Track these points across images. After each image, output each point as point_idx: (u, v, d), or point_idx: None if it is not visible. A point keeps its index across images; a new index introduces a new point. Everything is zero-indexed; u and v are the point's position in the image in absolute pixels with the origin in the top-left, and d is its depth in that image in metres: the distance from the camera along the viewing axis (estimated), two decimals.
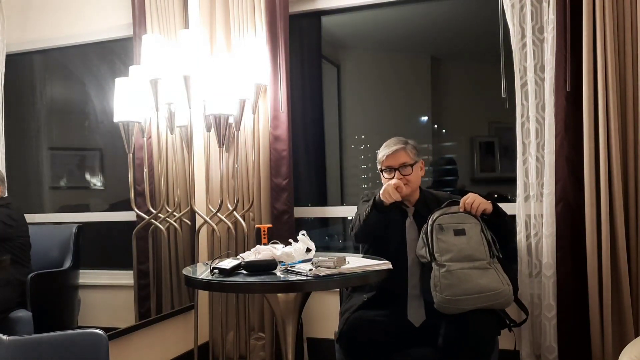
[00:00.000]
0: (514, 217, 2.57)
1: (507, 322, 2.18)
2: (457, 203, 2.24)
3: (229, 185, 2.95)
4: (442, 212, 2.18)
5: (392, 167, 2.30)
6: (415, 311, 2.21)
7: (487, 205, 2.20)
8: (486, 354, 2.04)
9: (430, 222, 2.17)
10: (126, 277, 2.60)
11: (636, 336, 2.28)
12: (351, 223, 2.40)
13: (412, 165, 2.30)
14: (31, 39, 2.21)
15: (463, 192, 3.02)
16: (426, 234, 2.16)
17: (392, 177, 2.29)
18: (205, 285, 2.04)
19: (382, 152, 2.34)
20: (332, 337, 2.27)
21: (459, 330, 2.01)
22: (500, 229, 2.24)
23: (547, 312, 2.47)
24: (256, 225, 2.63)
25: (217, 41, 3.06)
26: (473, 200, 2.19)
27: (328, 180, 3.44)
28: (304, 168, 3.36)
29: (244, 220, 2.87)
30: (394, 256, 2.15)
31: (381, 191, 2.20)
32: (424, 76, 3.37)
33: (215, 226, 2.76)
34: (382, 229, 2.27)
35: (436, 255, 2.09)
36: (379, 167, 2.36)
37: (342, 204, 3.36)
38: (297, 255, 2.03)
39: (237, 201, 2.82)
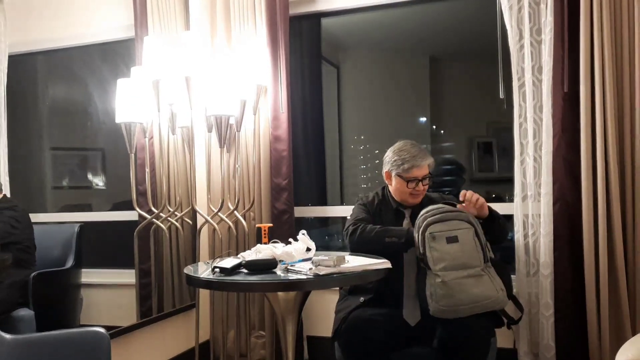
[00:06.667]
0: (511, 217, 2.59)
1: (505, 320, 2.20)
2: (450, 204, 2.23)
3: (229, 185, 2.96)
4: (435, 220, 2.12)
5: (417, 179, 2.29)
6: (411, 311, 2.22)
7: (485, 205, 2.21)
8: (482, 353, 2.06)
9: (421, 228, 2.12)
10: (128, 276, 2.61)
11: (633, 335, 2.29)
12: (347, 226, 2.31)
13: (430, 176, 2.33)
14: (34, 40, 2.22)
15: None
16: (418, 242, 2.13)
17: (415, 187, 2.29)
18: (206, 284, 2.06)
19: (410, 163, 2.28)
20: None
21: (454, 331, 2.03)
22: (494, 232, 2.24)
23: (544, 311, 2.48)
24: (257, 225, 2.64)
25: (218, 42, 3.07)
26: (472, 194, 2.19)
27: (328, 180, 3.46)
28: (304, 168, 3.37)
29: (244, 219, 2.88)
30: (390, 257, 2.13)
31: None
32: (423, 77, 3.39)
33: (216, 226, 2.78)
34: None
35: (429, 264, 2.08)
36: (399, 173, 2.30)
37: (341, 204, 3.38)
38: (297, 254, 2.04)
39: (238, 201, 2.84)
